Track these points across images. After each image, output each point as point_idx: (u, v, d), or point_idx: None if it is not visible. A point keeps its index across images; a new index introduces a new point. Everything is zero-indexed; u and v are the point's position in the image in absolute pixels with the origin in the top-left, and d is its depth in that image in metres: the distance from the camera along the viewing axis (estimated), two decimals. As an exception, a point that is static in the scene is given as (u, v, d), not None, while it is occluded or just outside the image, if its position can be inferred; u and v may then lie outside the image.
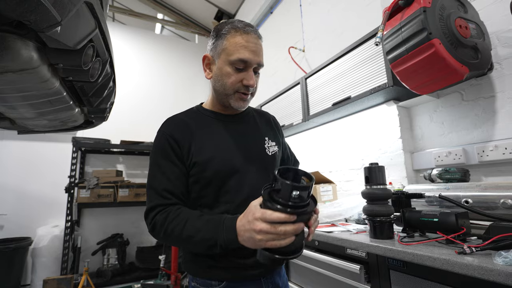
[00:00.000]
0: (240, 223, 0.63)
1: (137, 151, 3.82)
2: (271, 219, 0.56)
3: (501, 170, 1.23)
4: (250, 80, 0.76)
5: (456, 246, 0.87)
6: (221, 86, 0.79)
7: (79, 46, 0.80)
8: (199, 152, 0.77)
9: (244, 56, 0.74)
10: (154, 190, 0.74)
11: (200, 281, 0.77)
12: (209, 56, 0.81)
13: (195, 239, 0.66)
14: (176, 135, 0.78)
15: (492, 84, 1.28)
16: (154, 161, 0.78)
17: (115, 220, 3.65)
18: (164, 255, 2.92)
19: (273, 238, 0.56)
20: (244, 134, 0.86)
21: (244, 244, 0.62)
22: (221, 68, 0.77)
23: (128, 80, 4.24)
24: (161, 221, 0.70)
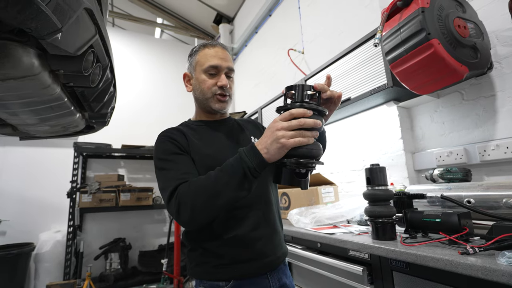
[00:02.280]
0: (260, 139, 0.66)
1: (138, 155, 3.82)
2: (290, 114, 0.61)
3: (503, 170, 1.23)
4: (222, 81, 0.87)
5: (459, 246, 0.86)
6: (200, 93, 0.89)
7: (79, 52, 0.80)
8: (195, 151, 0.83)
9: (214, 62, 0.87)
10: (171, 180, 0.75)
11: (207, 284, 0.78)
12: (188, 73, 0.94)
13: (224, 179, 0.66)
14: (174, 136, 0.85)
15: (492, 83, 1.27)
16: (161, 160, 0.81)
17: (117, 224, 3.66)
18: (167, 259, 2.92)
19: (294, 135, 0.61)
20: (232, 135, 0.94)
21: (268, 156, 0.63)
22: (197, 78, 0.89)
23: (129, 85, 4.26)
24: (184, 191, 0.69)
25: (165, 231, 3.92)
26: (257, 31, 3.72)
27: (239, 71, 4.35)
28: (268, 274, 0.81)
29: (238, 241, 0.78)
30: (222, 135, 0.92)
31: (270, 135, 0.63)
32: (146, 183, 3.91)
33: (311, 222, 1.52)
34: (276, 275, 0.83)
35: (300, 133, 0.61)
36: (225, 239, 0.78)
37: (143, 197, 3.37)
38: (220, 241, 0.78)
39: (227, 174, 0.67)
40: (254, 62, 3.79)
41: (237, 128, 0.98)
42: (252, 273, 0.78)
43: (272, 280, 0.80)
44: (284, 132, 0.61)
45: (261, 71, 3.54)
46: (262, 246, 0.80)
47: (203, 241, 0.80)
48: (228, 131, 0.94)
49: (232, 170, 0.66)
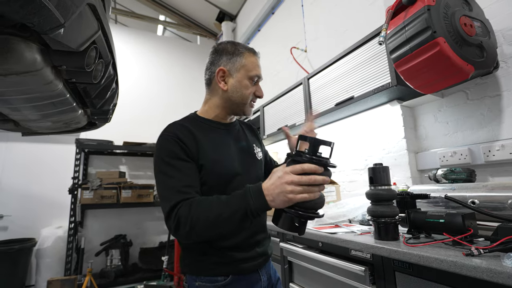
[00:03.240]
0: (268, 184, 0.67)
1: (139, 152, 3.83)
2: (301, 169, 0.62)
3: (508, 170, 1.22)
4: (261, 91, 0.93)
5: (463, 247, 0.85)
6: (240, 96, 0.89)
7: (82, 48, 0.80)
8: (204, 157, 0.82)
9: (259, 73, 0.91)
10: (172, 189, 0.74)
11: (205, 279, 0.81)
12: (225, 69, 0.89)
13: (225, 215, 0.67)
14: (181, 136, 0.81)
15: (498, 83, 1.26)
16: (164, 163, 0.78)
17: (118, 221, 3.67)
18: (167, 256, 2.93)
19: (302, 191, 0.62)
20: (238, 140, 0.96)
21: (273, 204, 0.65)
22: (240, 81, 0.89)
23: (131, 82, 4.26)
24: (185, 213, 0.69)
25: (166, 228, 3.92)
26: (260, 29, 3.70)
27: (241, 69, 4.34)
28: (259, 269, 0.88)
29: (238, 244, 0.83)
30: (231, 140, 0.93)
31: (279, 185, 0.64)
32: (147, 180, 3.92)
33: (313, 221, 1.52)
34: (265, 269, 0.91)
35: (308, 189, 0.63)
36: (226, 243, 0.82)
37: (144, 194, 3.37)
38: (220, 244, 0.81)
39: (229, 210, 0.68)
40: (257, 60, 3.78)
41: (242, 133, 1.01)
42: (248, 270, 0.84)
43: (262, 274, 0.89)
44: (293, 187, 0.62)
45: (263, 69, 3.52)
46: (258, 248, 0.88)
47: (203, 242, 0.81)
48: (235, 136, 0.96)
49: (235, 209, 0.68)
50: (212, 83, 0.92)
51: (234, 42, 0.93)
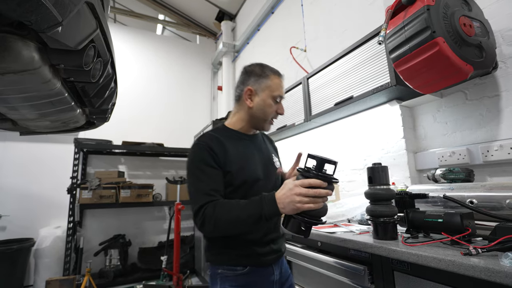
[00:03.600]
0: (280, 194, 0.80)
1: (138, 152, 3.82)
2: (309, 184, 0.76)
3: (506, 170, 1.22)
4: (282, 109, 1.06)
5: (462, 247, 0.85)
6: (262, 113, 1.03)
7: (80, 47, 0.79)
8: (231, 163, 0.95)
9: (282, 93, 1.04)
10: (201, 192, 0.89)
11: (226, 268, 0.95)
12: (252, 89, 1.03)
13: (243, 217, 0.82)
14: (213, 147, 0.95)
15: (497, 83, 1.26)
16: (196, 168, 0.93)
17: (117, 221, 3.66)
18: (166, 256, 2.93)
19: (308, 201, 0.75)
20: (260, 150, 1.09)
21: (284, 211, 0.79)
22: (264, 100, 1.02)
23: (131, 81, 4.25)
24: (210, 212, 0.84)
25: (165, 228, 3.92)
26: (259, 28, 3.70)
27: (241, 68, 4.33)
28: (273, 264, 1.01)
29: (256, 241, 0.97)
30: (254, 149, 1.06)
31: (289, 195, 0.77)
32: (146, 180, 3.91)
33: (312, 221, 1.52)
34: (278, 264, 1.03)
35: (314, 200, 0.76)
36: (245, 239, 0.95)
37: (143, 193, 3.37)
38: (241, 239, 0.95)
39: (246, 213, 0.82)
40: (256, 59, 3.75)
41: (263, 144, 1.14)
42: (263, 264, 0.97)
43: (275, 268, 1.01)
44: (301, 198, 0.76)
45: (262, 69, 3.52)
46: (273, 245, 1.01)
47: (226, 236, 0.95)
48: (258, 146, 1.10)
49: (251, 212, 0.81)
50: (240, 100, 1.06)
51: (262, 65, 1.07)
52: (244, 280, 0.94)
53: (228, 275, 0.94)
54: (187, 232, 3.95)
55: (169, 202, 3.63)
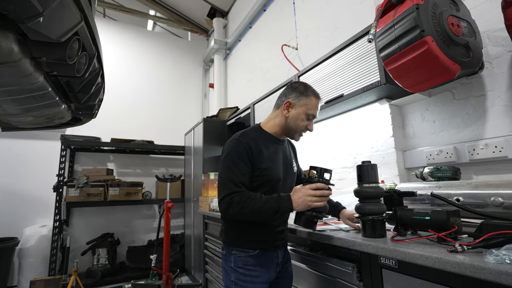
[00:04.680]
0: (294, 195, 1.04)
1: (128, 149, 3.75)
2: (317, 187, 1.03)
3: (491, 168, 1.25)
4: (312, 127, 1.21)
5: (448, 244, 0.87)
6: (295, 125, 1.18)
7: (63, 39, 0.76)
8: (262, 161, 1.12)
9: (315, 113, 1.19)
10: (231, 181, 1.06)
11: (239, 250, 1.12)
12: (291, 102, 1.18)
13: (263, 208, 1.01)
14: (251, 145, 1.11)
15: (483, 83, 1.29)
16: (232, 160, 1.09)
17: (105, 219, 3.59)
18: (156, 255, 2.89)
19: (316, 200, 1.02)
20: (285, 155, 1.25)
21: (297, 208, 1.03)
22: (299, 114, 1.16)
23: (120, 77, 4.17)
24: (238, 199, 1.02)
25: (155, 227, 3.87)
26: (251, 26, 3.67)
27: (233, 66, 4.31)
28: (278, 249, 1.18)
29: (267, 231, 1.14)
30: (280, 153, 1.22)
31: (301, 196, 1.02)
32: (136, 178, 3.85)
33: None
34: (282, 250, 1.21)
35: (320, 199, 1.03)
36: (259, 228, 1.12)
37: (133, 192, 3.32)
38: (256, 228, 1.12)
39: (266, 206, 1.01)
40: (248, 57, 3.76)
41: (288, 150, 1.30)
42: (270, 248, 1.15)
43: (279, 252, 1.19)
44: (311, 197, 1.02)
45: (254, 66, 3.51)
46: (280, 235, 1.19)
47: (242, 221, 1.12)
48: (283, 151, 1.25)
49: (271, 206, 1.02)
50: (279, 109, 1.21)
51: (306, 85, 1.20)
52: (254, 260, 1.11)
53: (240, 256, 1.12)
54: (177, 230, 3.91)
55: (159, 200, 3.59)
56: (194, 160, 3.45)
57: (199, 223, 2.96)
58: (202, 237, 2.76)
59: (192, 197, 3.36)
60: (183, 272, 3.44)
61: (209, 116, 3.44)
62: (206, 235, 2.66)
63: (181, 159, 4.24)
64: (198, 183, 3.12)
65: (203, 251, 2.68)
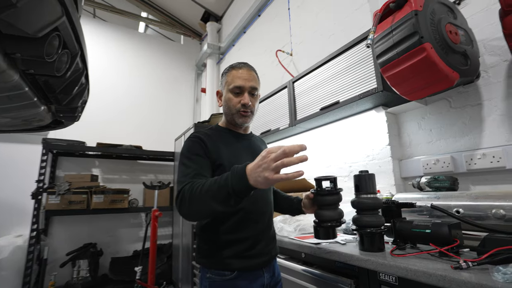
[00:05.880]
0: (249, 165, 0.72)
1: (115, 154, 3.61)
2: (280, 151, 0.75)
3: (488, 179, 1.23)
4: (245, 99, 1.01)
5: (450, 259, 0.82)
6: (228, 109, 1.04)
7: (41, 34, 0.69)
8: (223, 157, 0.97)
9: (238, 83, 1.01)
10: (186, 176, 0.88)
11: (215, 272, 0.93)
12: (220, 91, 1.10)
13: (212, 190, 0.75)
14: (204, 139, 0.98)
15: (479, 92, 1.28)
16: (186, 157, 0.94)
17: (87, 228, 3.42)
18: (141, 266, 2.75)
19: (277, 167, 0.72)
20: (254, 150, 1.10)
21: (256, 184, 0.69)
22: (225, 96, 1.04)
23: (108, 79, 4.05)
24: (187, 188, 0.81)
25: (141, 236, 3.72)
26: (245, 31, 3.65)
27: (225, 71, 4.26)
28: (264, 268, 0.99)
29: (247, 241, 0.95)
30: (245, 147, 1.08)
31: (257, 164, 0.76)
32: (122, 185, 3.71)
33: (295, 230, 1.45)
34: (269, 269, 1.01)
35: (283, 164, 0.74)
36: (237, 238, 0.94)
37: (118, 199, 3.17)
38: (232, 238, 0.94)
39: (215, 186, 0.75)
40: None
41: (254, 144, 1.14)
42: (251, 267, 0.95)
43: (266, 273, 0.99)
44: (270, 163, 0.72)
45: (247, 72, 3.47)
46: (264, 247, 0.99)
47: (217, 235, 0.94)
48: (252, 146, 1.11)
49: (221, 184, 0.74)
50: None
51: (231, 65, 1.07)
52: (231, 284, 0.92)
53: (216, 280, 0.93)
54: (165, 240, 3.76)
55: (147, 208, 3.45)
56: (183, 166, 3.35)
57: (188, 232, 2.85)
58: (190, 247, 2.65)
59: (181, 205, 3.24)
60: (170, 284, 3.29)
61: (201, 122, 3.37)
62: (195, 246, 2.56)
63: (170, 165, 4.12)
64: (188, 190, 3.02)
65: (192, 262, 2.57)
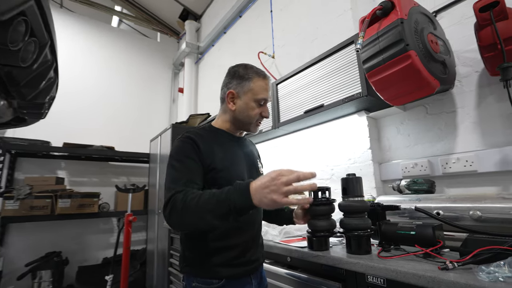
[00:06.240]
0: (255, 183, 0.72)
1: (84, 155, 3.36)
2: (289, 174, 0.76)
3: (461, 182, 1.30)
4: (267, 113, 1.03)
5: (434, 260, 0.85)
6: (246, 117, 1.00)
7: (4, 18, 0.60)
8: (217, 161, 0.92)
9: (266, 96, 1.00)
10: (178, 181, 0.83)
11: (201, 281, 0.90)
12: (234, 92, 1.00)
13: (208, 205, 0.73)
14: (197, 141, 0.92)
15: (453, 100, 1.35)
16: (177, 159, 0.89)
17: (51, 236, 3.14)
18: (112, 275, 2.57)
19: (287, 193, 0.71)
20: (247, 154, 1.07)
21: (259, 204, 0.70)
22: (247, 103, 0.99)
23: (77, 75, 3.77)
24: (178, 199, 0.76)
25: (112, 242, 3.49)
26: (226, 31, 3.60)
27: (205, 71, 4.17)
28: (251, 275, 0.96)
29: (237, 248, 0.92)
30: (241, 151, 1.04)
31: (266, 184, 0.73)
32: (92, 188, 3.46)
33: (280, 234, 1.44)
34: (256, 275, 0.99)
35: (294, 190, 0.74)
36: (227, 245, 0.91)
37: (87, 203, 2.95)
38: (222, 246, 0.90)
39: (213, 200, 0.73)
40: (221, 63, 3.66)
41: (250, 149, 1.11)
42: (240, 274, 0.92)
43: (253, 280, 0.97)
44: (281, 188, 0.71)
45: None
46: (253, 254, 0.97)
47: (205, 242, 0.90)
48: (245, 149, 1.07)
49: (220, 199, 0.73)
50: (224, 102, 1.03)
51: (246, 66, 1.03)
52: None
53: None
54: (138, 245, 3.57)
55: (119, 213, 3.25)
56: (160, 169, 3.21)
57: (164, 237, 2.73)
58: (167, 253, 2.53)
59: (157, 209, 3.10)
60: (143, 292, 3.12)
61: (178, 122, 3.25)
62: (172, 251, 2.44)
63: (145, 167, 3.93)
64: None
65: (168, 268, 2.45)
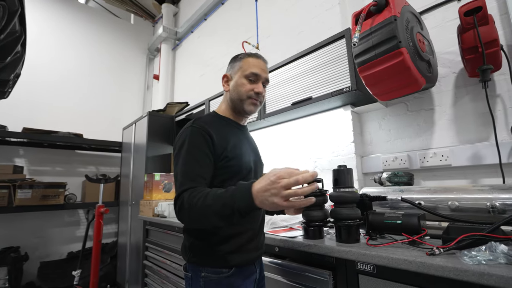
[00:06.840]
0: (257, 186, 0.71)
1: (47, 142, 3.07)
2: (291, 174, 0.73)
3: (436, 175, 1.40)
4: (259, 88, 1.00)
5: (420, 247, 0.90)
6: (237, 94, 1.00)
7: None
8: (228, 148, 0.93)
9: (255, 70, 0.99)
10: (187, 175, 0.85)
11: (211, 270, 0.90)
12: (228, 75, 1.05)
13: (215, 206, 0.73)
14: (210, 131, 0.92)
15: (432, 98, 1.44)
16: (188, 150, 0.88)
17: (8, 230, 2.85)
18: (80, 270, 2.42)
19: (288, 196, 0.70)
20: (251, 142, 1.11)
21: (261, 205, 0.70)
22: (237, 81, 1.01)
23: (41, 55, 3.41)
24: (187, 196, 0.78)
25: (78, 236, 3.27)
26: (206, 18, 3.47)
27: (182, 58, 4.00)
28: (255, 262, 0.99)
29: (247, 233, 0.95)
30: (246, 140, 1.06)
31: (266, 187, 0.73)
32: (56, 178, 3.19)
33: (267, 224, 1.44)
34: (258, 263, 1.03)
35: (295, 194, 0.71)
36: (238, 231, 0.93)
37: (52, 194, 2.72)
38: (234, 232, 0.92)
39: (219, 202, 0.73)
40: (201, 51, 3.53)
41: (250, 137, 1.14)
42: (249, 261, 0.95)
43: (257, 267, 1.00)
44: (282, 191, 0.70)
45: (208, 61, 3.32)
46: (259, 240, 1.01)
47: (216, 229, 0.91)
48: (248, 137, 1.10)
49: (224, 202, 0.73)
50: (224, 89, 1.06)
51: (244, 53, 1.05)
52: (230, 282, 0.90)
53: (212, 278, 0.90)
54: (107, 238, 3.39)
55: (87, 204, 3.03)
56: (134, 159, 3.04)
57: (138, 229, 2.61)
58: (141, 245, 2.43)
59: (130, 201, 2.95)
60: (114, 286, 2.98)
61: (155, 110, 3.10)
62: (147, 244, 2.35)
63: (117, 156, 3.70)
64: (138, 185, 2.75)
65: (143, 261, 2.35)
